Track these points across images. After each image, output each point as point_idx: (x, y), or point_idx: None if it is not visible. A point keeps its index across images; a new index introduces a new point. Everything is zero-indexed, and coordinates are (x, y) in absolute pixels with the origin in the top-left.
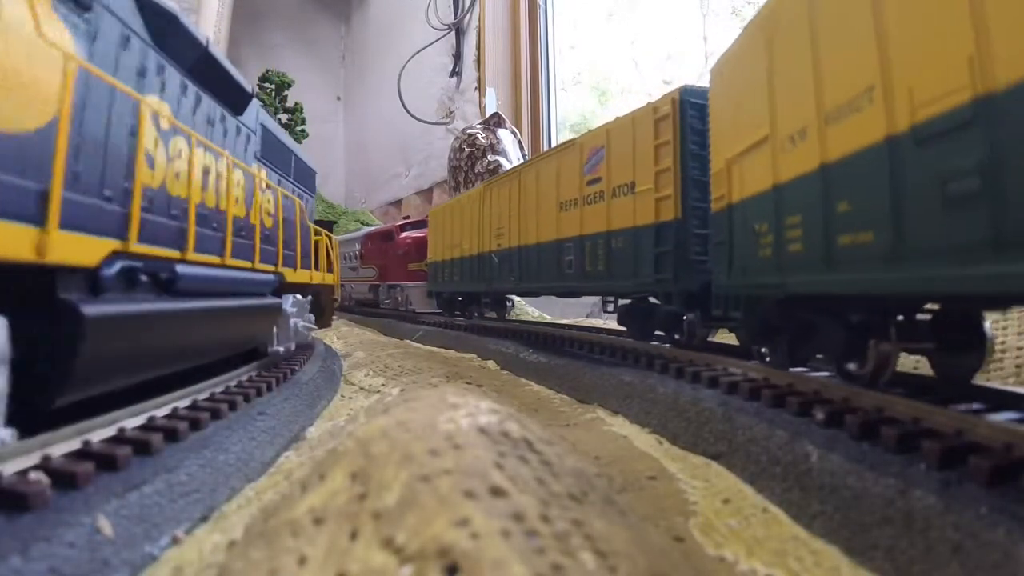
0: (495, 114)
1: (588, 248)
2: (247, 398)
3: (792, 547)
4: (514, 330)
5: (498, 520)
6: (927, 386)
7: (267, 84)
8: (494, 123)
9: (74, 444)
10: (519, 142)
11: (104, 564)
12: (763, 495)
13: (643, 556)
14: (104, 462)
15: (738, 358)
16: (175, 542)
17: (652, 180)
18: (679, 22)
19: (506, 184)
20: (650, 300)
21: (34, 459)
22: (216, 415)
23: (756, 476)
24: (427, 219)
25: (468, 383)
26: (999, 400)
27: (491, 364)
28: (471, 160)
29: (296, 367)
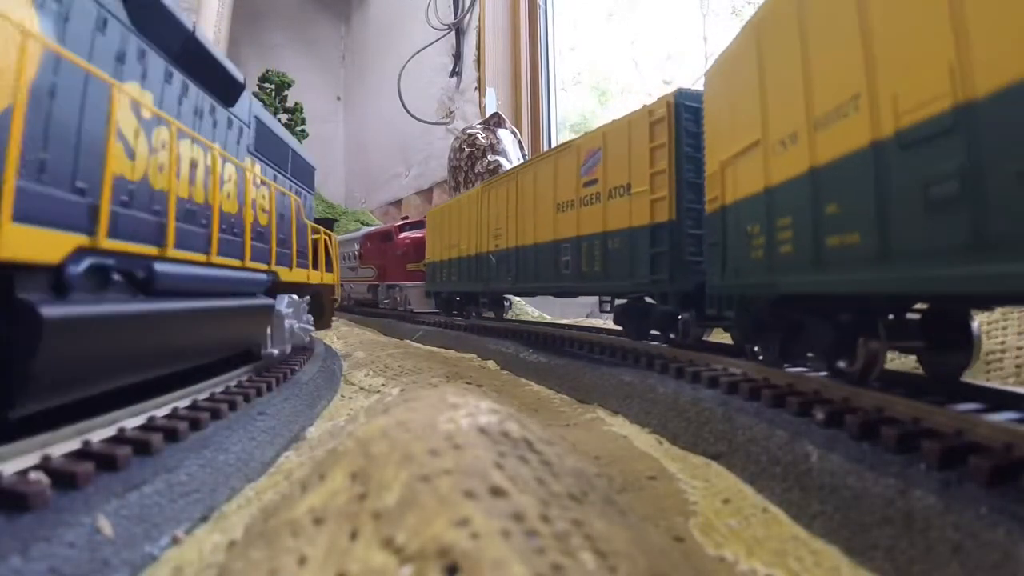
0: (495, 114)
1: (585, 249)
2: (247, 398)
3: (792, 547)
4: (514, 330)
5: (498, 520)
6: (917, 384)
7: (267, 84)
8: (494, 123)
9: (74, 444)
10: (519, 142)
11: (104, 564)
12: (763, 495)
13: (643, 556)
14: (104, 462)
15: (732, 357)
16: (175, 542)
17: (648, 182)
18: (679, 22)
19: (503, 185)
20: (646, 300)
21: (34, 459)
22: (216, 415)
23: (756, 476)
24: (425, 220)
25: (468, 383)
26: (999, 400)
27: (491, 364)
28: (471, 160)
29: (296, 367)
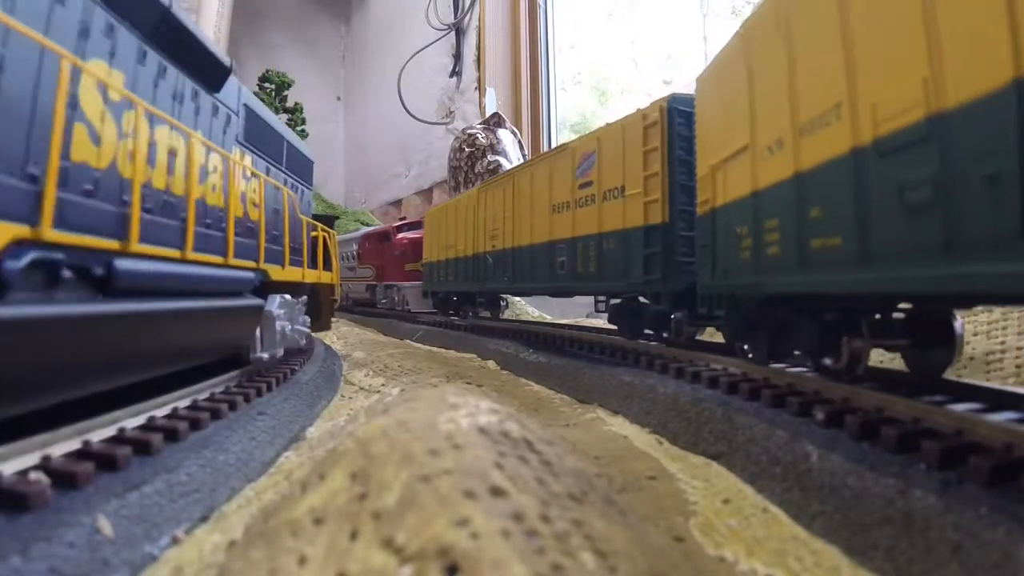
0: (495, 114)
1: (580, 249)
2: (247, 398)
3: (792, 547)
4: (514, 330)
5: (498, 520)
6: (901, 380)
7: (267, 84)
8: (494, 123)
9: (74, 444)
10: (519, 142)
11: (104, 564)
12: (763, 495)
13: (643, 556)
14: (104, 462)
15: (724, 355)
16: (175, 542)
17: (641, 184)
18: (679, 22)
19: (500, 187)
20: (640, 300)
21: (34, 459)
22: (216, 415)
23: (756, 476)
24: (423, 220)
25: (468, 383)
26: (999, 400)
27: (491, 364)
28: (471, 160)
29: (296, 367)
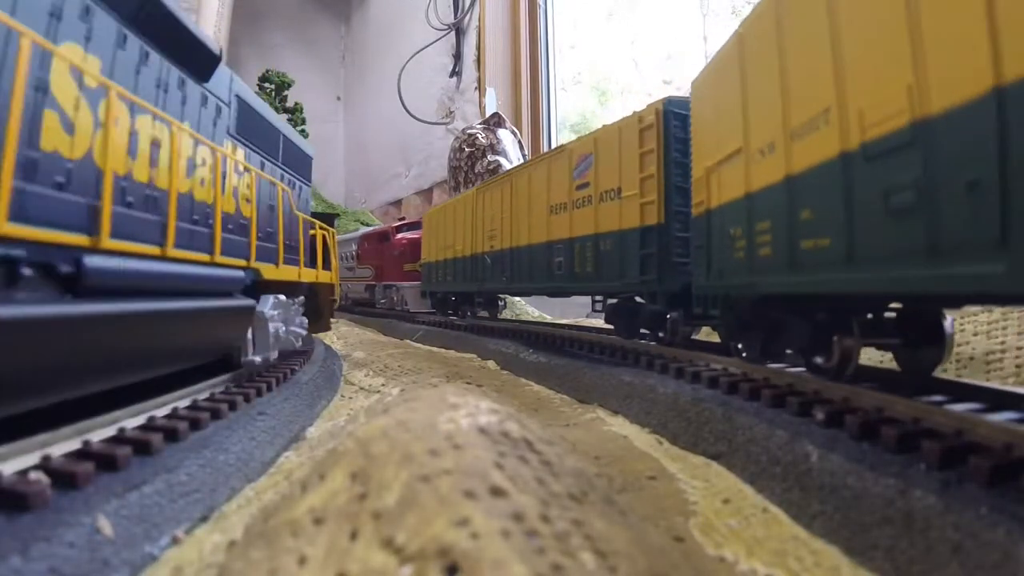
0: (495, 114)
1: (577, 250)
2: (247, 398)
3: (792, 547)
4: (514, 330)
5: (498, 520)
6: (892, 379)
7: (267, 84)
8: (494, 123)
9: (74, 444)
10: (519, 142)
11: (104, 564)
12: (763, 495)
13: (643, 556)
14: (104, 462)
15: (718, 354)
16: (175, 542)
17: (637, 186)
18: (679, 22)
19: (498, 187)
20: (636, 300)
21: (34, 459)
22: (216, 415)
23: (756, 476)
24: (422, 221)
25: (468, 383)
26: (999, 400)
27: (491, 364)
28: (471, 160)
29: (296, 367)
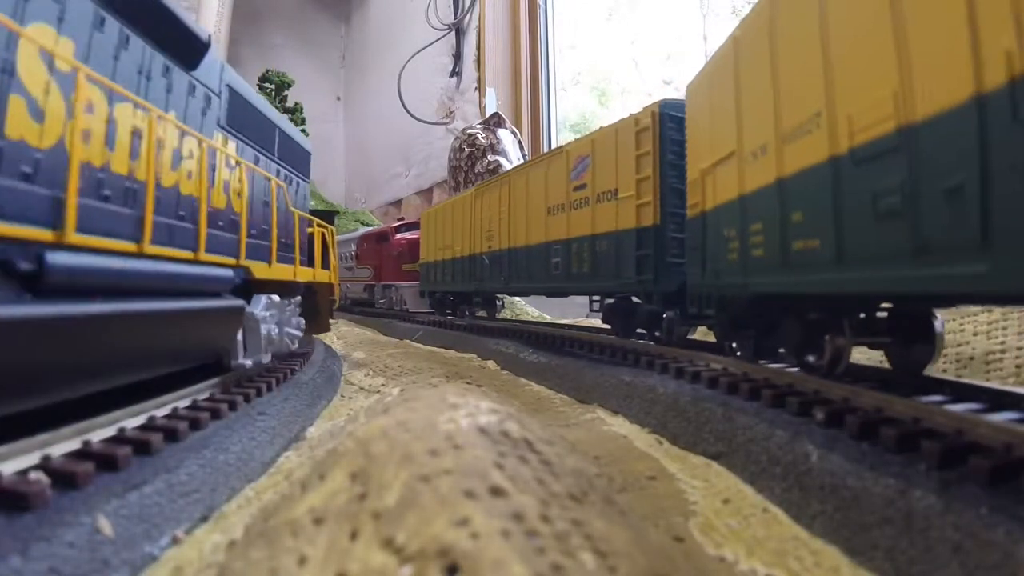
0: (495, 114)
1: (574, 250)
2: (247, 398)
3: (792, 547)
4: (514, 330)
5: (498, 520)
6: (882, 377)
7: (267, 84)
8: (494, 123)
9: (74, 444)
10: (519, 142)
11: (104, 564)
12: (763, 495)
13: (643, 556)
14: (104, 462)
15: (714, 353)
16: (175, 542)
17: (634, 187)
18: (679, 22)
19: (496, 188)
20: (632, 299)
21: (34, 459)
22: (216, 415)
23: (756, 476)
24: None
25: (468, 383)
26: (999, 400)
27: (491, 364)
28: (471, 160)
29: (296, 367)
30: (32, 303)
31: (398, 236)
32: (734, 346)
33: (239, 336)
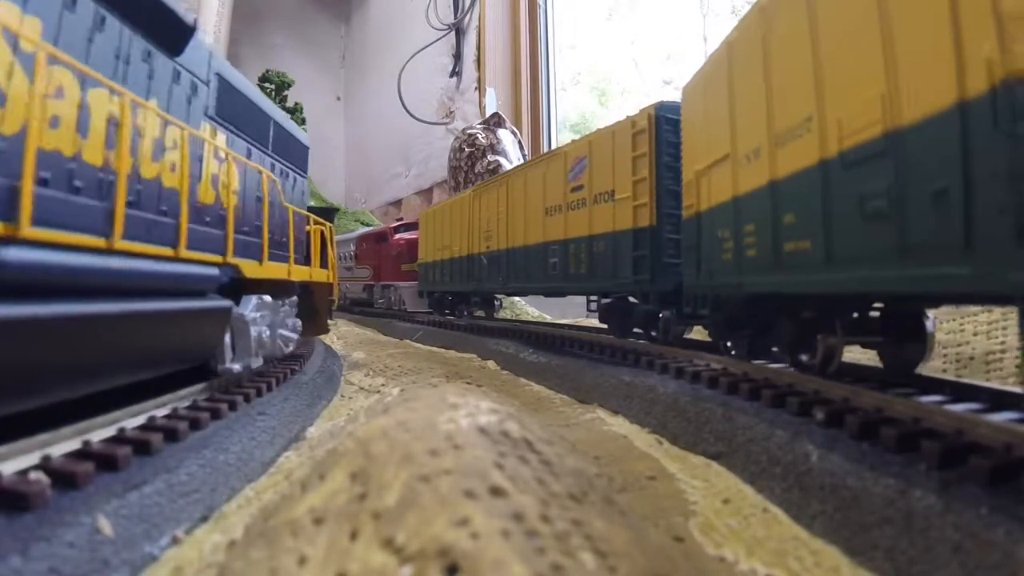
0: (495, 114)
1: (572, 250)
2: (247, 398)
3: (792, 547)
4: (514, 330)
5: (498, 520)
6: (876, 376)
7: (267, 84)
8: (494, 123)
9: (74, 444)
10: (519, 142)
11: (104, 564)
12: (763, 495)
13: (643, 556)
14: (104, 462)
15: (708, 352)
16: (175, 542)
17: (630, 189)
18: (679, 22)
19: (494, 189)
20: (629, 299)
21: (34, 459)
22: (216, 415)
23: (756, 476)
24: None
25: (468, 383)
26: (999, 400)
27: (491, 364)
28: (471, 160)
29: (296, 367)
30: None
31: (397, 236)
32: (729, 345)
33: (227, 339)
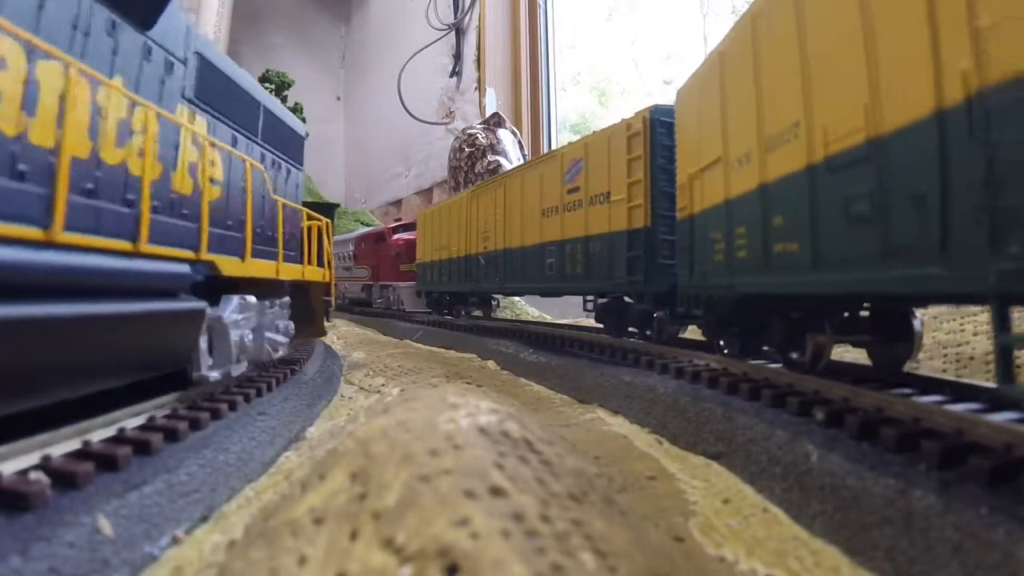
0: (495, 114)
1: (568, 251)
2: (247, 398)
3: (792, 547)
4: (514, 330)
5: (498, 520)
6: (865, 374)
7: (267, 84)
8: (494, 123)
9: (74, 444)
10: (519, 142)
11: (104, 564)
12: (763, 495)
13: (643, 556)
14: (104, 462)
15: (701, 351)
16: (175, 542)
17: (625, 190)
18: (679, 22)
19: (492, 190)
20: (624, 299)
21: (34, 459)
22: (216, 415)
23: (756, 476)
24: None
25: (468, 383)
26: (999, 400)
27: (491, 364)
28: (471, 160)
29: (296, 367)
30: None
31: (395, 236)
32: (721, 344)
33: (202, 344)
